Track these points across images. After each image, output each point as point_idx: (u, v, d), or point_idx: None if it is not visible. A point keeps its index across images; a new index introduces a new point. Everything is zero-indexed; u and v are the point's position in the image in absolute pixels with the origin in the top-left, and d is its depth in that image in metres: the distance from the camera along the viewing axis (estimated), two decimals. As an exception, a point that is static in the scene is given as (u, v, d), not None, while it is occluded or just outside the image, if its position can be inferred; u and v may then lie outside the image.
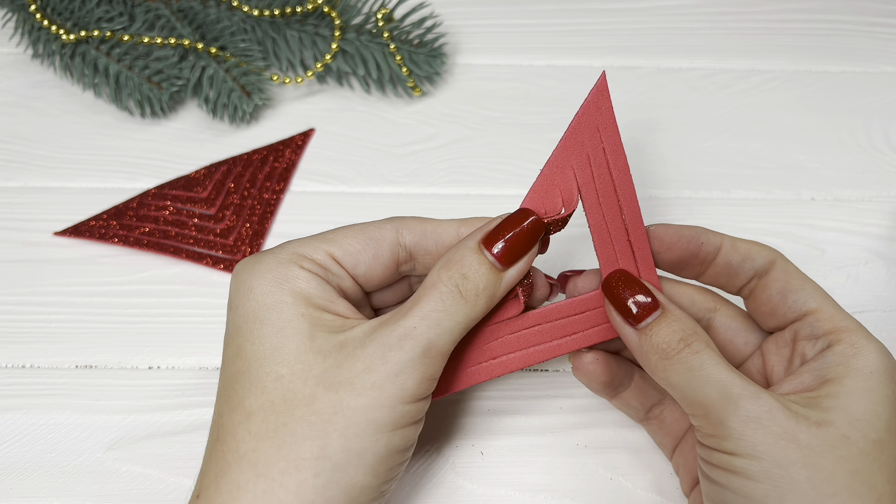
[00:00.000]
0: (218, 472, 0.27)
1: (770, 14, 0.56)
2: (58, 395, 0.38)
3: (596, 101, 0.31)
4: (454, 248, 0.30)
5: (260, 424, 0.27)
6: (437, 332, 0.28)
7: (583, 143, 0.31)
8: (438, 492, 0.36)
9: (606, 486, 0.36)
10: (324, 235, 0.31)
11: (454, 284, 0.29)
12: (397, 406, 0.27)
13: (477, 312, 0.29)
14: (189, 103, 0.50)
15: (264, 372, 0.28)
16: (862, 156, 0.48)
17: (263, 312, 0.29)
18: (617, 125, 0.31)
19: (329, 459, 0.26)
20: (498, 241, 0.29)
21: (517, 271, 0.30)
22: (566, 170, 0.31)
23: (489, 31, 0.55)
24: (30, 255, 0.43)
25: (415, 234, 0.32)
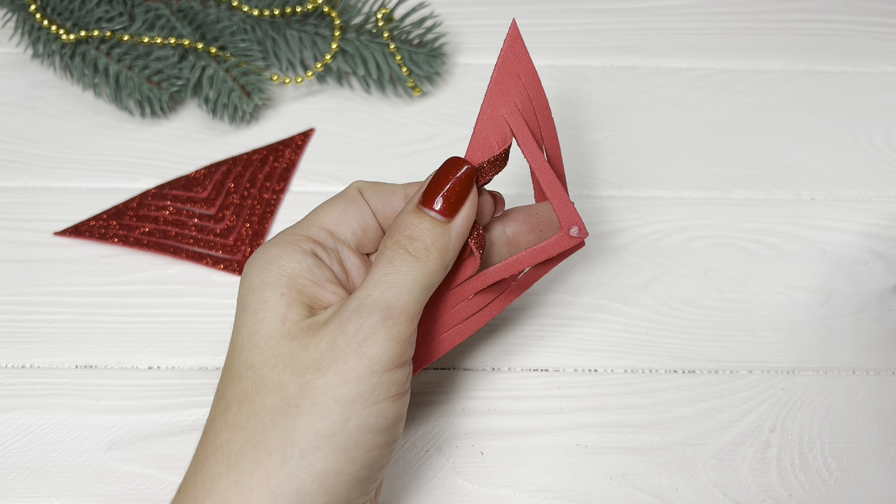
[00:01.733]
0: (196, 465, 0.27)
1: (770, 14, 0.56)
2: (58, 395, 0.38)
3: (512, 49, 0.32)
4: (396, 216, 0.30)
5: (235, 415, 0.27)
6: (394, 293, 0.27)
7: (508, 91, 0.32)
8: (438, 492, 0.36)
9: (606, 486, 0.36)
10: (309, 214, 0.32)
11: (401, 247, 0.29)
12: (365, 378, 0.26)
13: (431, 267, 0.29)
14: (189, 103, 0.50)
15: (240, 361, 0.28)
16: (862, 156, 0.48)
17: (247, 296, 0.29)
18: (535, 69, 0.32)
19: (295, 446, 0.26)
20: (436, 195, 0.29)
21: (463, 219, 0.30)
22: (497, 119, 0.32)
23: (489, 31, 0.55)
24: (30, 255, 0.43)
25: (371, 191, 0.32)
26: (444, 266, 0.29)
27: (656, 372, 0.39)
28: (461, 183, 0.30)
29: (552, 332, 0.41)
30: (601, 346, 0.40)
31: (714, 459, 0.37)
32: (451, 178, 0.30)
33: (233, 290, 0.42)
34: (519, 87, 0.32)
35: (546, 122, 0.33)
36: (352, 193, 0.32)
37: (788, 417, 0.38)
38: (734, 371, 0.40)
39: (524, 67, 0.32)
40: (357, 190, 0.32)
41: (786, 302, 0.42)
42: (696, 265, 0.43)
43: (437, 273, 0.29)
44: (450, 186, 0.30)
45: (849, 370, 0.40)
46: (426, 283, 0.29)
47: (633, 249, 0.44)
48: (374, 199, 0.32)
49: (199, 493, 0.27)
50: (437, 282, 0.29)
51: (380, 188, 0.32)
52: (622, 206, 0.46)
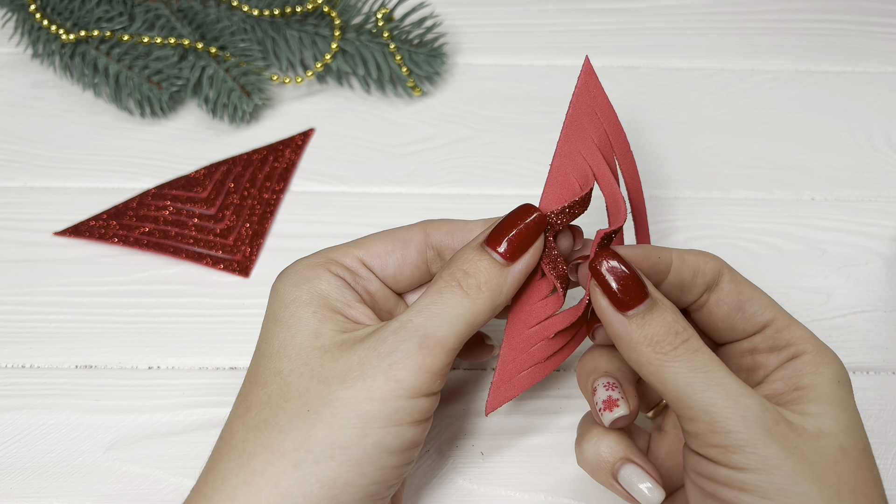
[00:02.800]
0: (210, 464, 0.28)
1: (770, 14, 0.56)
2: (58, 395, 0.38)
3: (587, 86, 0.31)
4: (458, 250, 0.30)
5: (254, 417, 0.27)
6: (435, 323, 0.27)
7: (584, 129, 0.31)
8: (438, 492, 0.36)
9: (606, 486, 0.36)
10: (355, 241, 0.32)
11: (454, 280, 0.28)
12: (390, 400, 0.26)
13: (479, 306, 0.28)
14: (189, 103, 0.50)
15: (268, 368, 0.28)
16: (862, 156, 0.48)
17: (280, 311, 0.29)
18: (611, 105, 0.31)
19: (310, 451, 0.26)
20: (502, 238, 0.29)
21: (522, 265, 0.29)
22: (576, 157, 0.31)
23: (489, 31, 0.55)
24: (30, 255, 0.43)
25: (441, 232, 0.32)
26: (493, 308, 0.29)
27: (656, 372, 0.39)
28: (528, 230, 0.29)
29: (552, 332, 0.41)
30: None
31: (714, 459, 0.37)
32: (520, 223, 0.29)
33: (232, 290, 0.42)
34: (595, 123, 0.31)
35: (625, 158, 0.32)
36: (407, 235, 0.32)
37: (788, 417, 0.38)
38: (734, 371, 0.40)
39: (599, 103, 0.31)
40: (421, 232, 0.32)
41: (786, 302, 0.42)
42: (696, 265, 0.43)
43: (485, 313, 0.29)
44: (516, 231, 0.29)
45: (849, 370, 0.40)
46: (471, 320, 0.28)
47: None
48: (444, 239, 0.32)
49: (208, 490, 0.27)
50: (482, 321, 0.29)
51: (453, 228, 0.32)
52: (622, 206, 0.46)
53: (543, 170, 0.47)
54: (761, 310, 0.30)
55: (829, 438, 0.26)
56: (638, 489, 0.29)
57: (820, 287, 0.43)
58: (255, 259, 0.43)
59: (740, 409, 0.25)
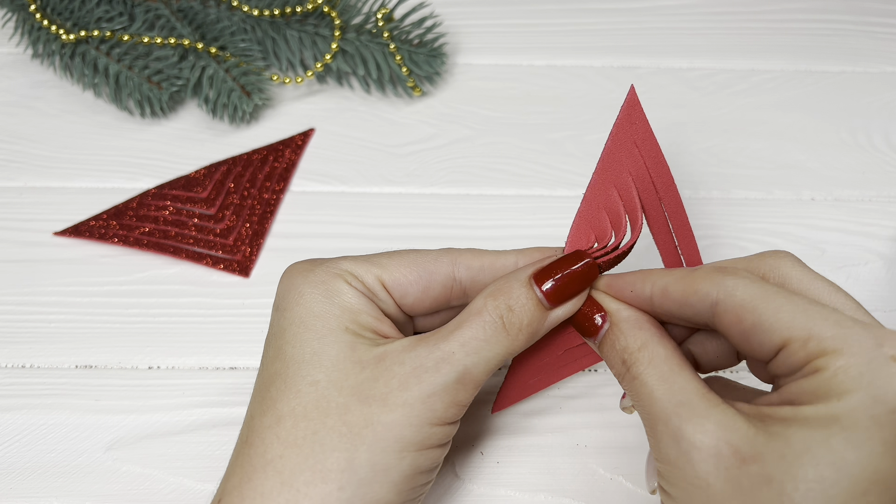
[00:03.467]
0: (242, 477, 0.27)
1: (770, 14, 0.56)
2: (58, 395, 0.38)
3: (629, 117, 0.30)
4: (504, 277, 0.29)
5: (290, 430, 0.27)
6: (475, 361, 0.28)
7: (621, 162, 0.30)
8: (438, 492, 0.36)
9: (606, 486, 0.36)
10: (378, 259, 0.31)
11: (499, 315, 0.28)
12: (425, 427, 0.27)
13: (516, 347, 0.29)
14: (189, 103, 0.50)
15: (301, 376, 0.28)
16: (862, 156, 0.48)
17: (310, 319, 0.29)
18: (655, 138, 0.30)
19: (355, 473, 0.26)
20: (549, 278, 0.29)
21: (564, 311, 0.29)
22: (609, 190, 0.30)
23: (489, 31, 0.55)
24: (30, 255, 0.43)
25: (471, 270, 0.31)
26: (527, 346, 0.29)
27: (656, 372, 0.39)
28: (579, 278, 0.29)
29: (552, 332, 0.41)
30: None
31: (714, 459, 0.37)
32: (572, 268, 0.29)
33: (232, 290, 0.42)
34: (634, 156, 0.30)
35: (668, 195, 0.31)
36: (434, 267, 0.31)
37: (788, 417, 0.38)
38: (734, 371, 0.40)
39: (642, 136, 0.30)
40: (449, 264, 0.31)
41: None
42: (696, 265, 0.43)
43: (518, 350, 0.29)
44: (565, 275, 0.29)
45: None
46: (506, 358, 0.29)
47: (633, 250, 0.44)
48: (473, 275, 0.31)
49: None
50: (513, 356, 0.29)
51: (479, 259, 0.31)
52: (622, 206, 0.46)
53: (543, 170, 0.47)
54: (769, 338, 0.24)
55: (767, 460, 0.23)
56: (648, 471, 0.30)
57: (820, 287, 0.43)
58: (255, 259, 0.43)
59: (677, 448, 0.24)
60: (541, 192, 0.46)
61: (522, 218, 0.45)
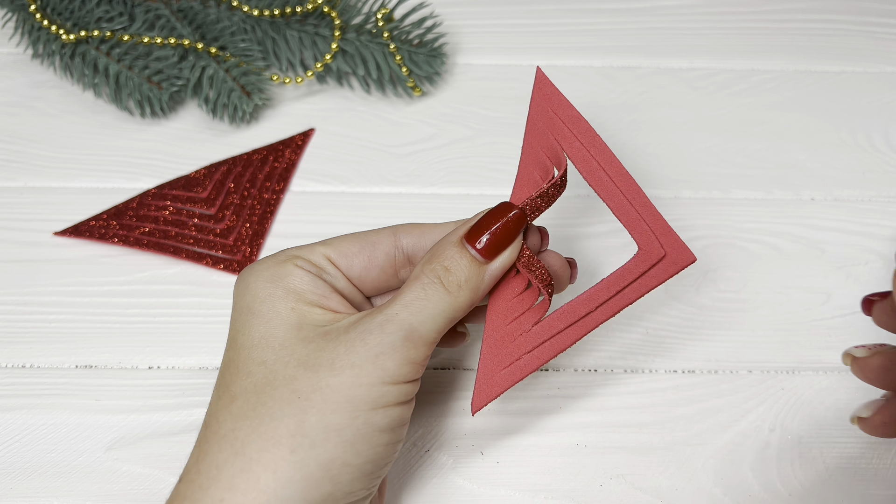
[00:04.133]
0: (199, 454, 0.28)
1: (770, 14, 0.56)
2: (58, 395, 0.38)
3: (540, 91, 0.32)
4: (438, 243, 0.31)
5: (241, 406, 0.28)
6: (420, 318, 0.29)
7: (543, 131, 0.32)
8: (438, 492, 0.36)
9: (606, 486, 0.36)
10: (323, 240, 0.32)
11: (436, 276, 0.29)
12: (377, 385, 0.28)
13: (460, 302, 0.29)
14: (189, 103, 0.50)
15: (251, 359, 0.29)
16: (862, 156, 0.48)
17: (256, 305, 0.30)
18: (569, 102, 0.32)
19: (305, 436, 0.27)
20: (481, 235, 0.30)
21: (500, 263, 0.30)
22: (539, 156, 0.32)
23: (489, 31, 0.55)
24: (30, 255, 0.43)
25: (412, 236, 0.32)
26: (472, 304, 0.30)
27: (656, 372, 0.39)
28: (507, 228, 0.30)
29: (552, 332, 0.41)
30: (601, 346, 0.40)
31: (714, 459, 0.37)
32: (499, 221, 0.30)
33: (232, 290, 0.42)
34: (555, 123, 0.31)
35: (599, 151, 0.32)
36: (375, 238, 0.32)
37: (788, 417, 0.38)
38: (734, 371, 0.40)
39: (557, 104, 0.32)
40: (391, 236, 0.32)
41: (786, 302, 0.42)
42: (695, 265, 0.43)
43: (463, 309, 0.30)
44: (495, 229, 0.30)
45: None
46: (451, 315, 0.29)
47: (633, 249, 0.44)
48: (414, 241, 0.32)
49: (203, 481, 0.27)
50: (460, 316, 0.30)
51: (418, 227, 0.33)
52: (622, 206, 0.46)
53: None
54: None
55: None
56: None
57: (820, 287, 0.43)
58: (255, 259, 0.43)
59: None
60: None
61: (522, 218, 0.45)
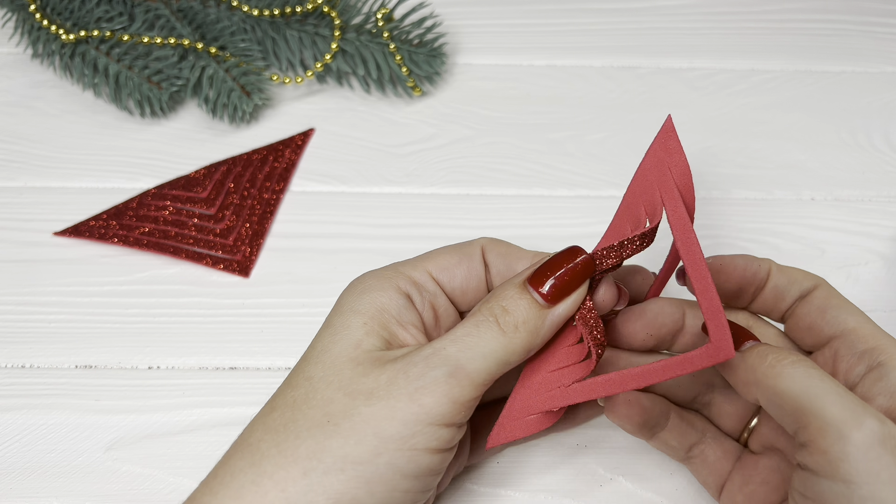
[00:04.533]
0: (224, 458, 0.28)
1: (770, 14, 0.56)
2: (58, 395, 0.38)
3: (663, 143, 0.30)
4: (502, 283, 0.30)
5: (276, 418, 0.27)
6: (468, 356, 0.27)
7: (651, 185, 0.30)
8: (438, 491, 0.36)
9: (606, 486, 0.36)
10: (421, 255, 0.32)
11: (492, 314, 0.28)
12: (410, 423, 0.26)
13: (515, 345, 0.28)
14: (189, 103, 0.50)
15: (301, 372, 0.28)
16: (862, 156, 0.48)
17: (334, 318, 0.29)
18: (688, 167, 0.30)
19: (321, 461, 0.26)
20: (546, 277, 0.29)
21: (563, 308, 0.29)
22: (637, 209, 0.30)
23: (489, 31, 0.55)
24: (30, 255, 0.43)
25: (495, 254, 0.32)
26: (529, 349, 0.29)
27: (656, 372, 0.39)
28: (573, 272, 0.29)
29: (552, 332, 0.41)
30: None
31: (714, 459, 0.37)
32: (565, 265, 0.29)
33: (232, 290, 0.42)
34: (667, 182, 0.30)
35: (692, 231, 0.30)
36: (470, 250, 0.32)
37: (788, 417, 0.38)
38: (734, 371, 0.40)
39: (675, 162, 0.30)
40: (480, 248, 0.32)
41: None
42: (696, 265, 0.43)
43: (519, 352, 0.28)
44: (560, 273, 0.29)
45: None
46: (505, 358, 0.28)
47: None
48: (496, 259, 0.32)
49: (215, 486, 0.27)
50: (515, 361, 0.28)
51: (507, 250, 0.32)
52: (622, 206, 0.46)
53: (543, 170, 0.47)
54: (844, 316, 0.30)
55: None
56: None
57: (820, 287, 0.43)
58: (255, 259, 0.43)
59: (855, 416, 0.24)
60: (541, 192, 0.46)
61: (522, 218, 0.45)
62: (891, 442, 0.24)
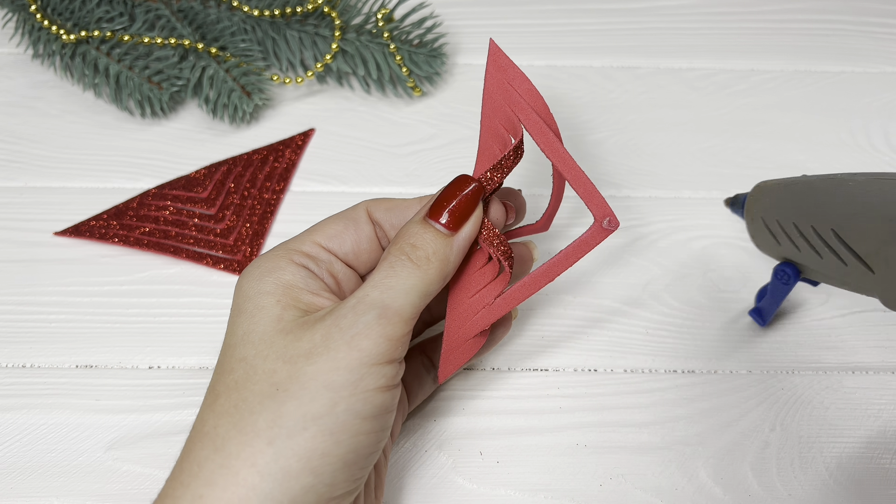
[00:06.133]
0: (184, 454, 0.28)
1: (770, 14, 0.56)
2: (58, 395, 0.38)
3: (495, 64, 0.32)
4: (403, 225, 0.31)
5: (223, 403, 0.28)
6: (391, 295, 0.28)
7: (499, 103, 0.32)
8: (438, 492, 0.36)
9: (606, 486, 0.36)
10: (309, 228, 0.33)
11: (403, 253, 0.29)
12: (355, 368, 0.27)
13: (431, 275, 0.29)
14: (189, 103, 0.50)
15: (232, 356, 0.29)
16: (862, 156, 0.48)
17: (243, 303, 0.30)
18: (525, 75, 0.32)
19: (282, 427, 0.26)
20: (443, 210, 0.30)
21: (465, 232, 0.31)
22: (497, 129, 0.32)
23: (489, 31, 0.55)
24: (30, 255, 0.43)
25: (381, 209, 0.33)
26: (443, 276, 0.30)
27: (656, 372, 0.40)
28: (467, 199, 0.31)
29: (552, 332, 0.41)
30: (601, 346, 0.40)
31: (714, 459, 0.37)
32: (458, 193, 0.31)
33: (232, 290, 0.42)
34: (512, 95, 0.32)
35: (550, 123, 0.33)
36: (354, 214, 0.33)
37: (788, 417, 0.38)
38: (734, 371, 0.40)
39: (512, 76, 0.32)
40: (365, 210, 0.33)
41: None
42: (695, 265, 0.43)
43: (436, 282, 0.30)
44: (456, 202, 0.31)
45: (848, 370, 0.40)
46: (424, 289, 0.29)
47: (633, 249, 0.44)
48: (385, 215, 0.33)
49: (185, 478, 0.27)
50: (434, 290, 0.30)
51: (392, 205, 0.33)
52: (622, 206, 0.46)
53: (542, 169, 0.47)
54: None
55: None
56: None
57: (820, 287, 0.43)
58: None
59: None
60: (541, 191, 0.46)
61: (522, 218, 0.45)
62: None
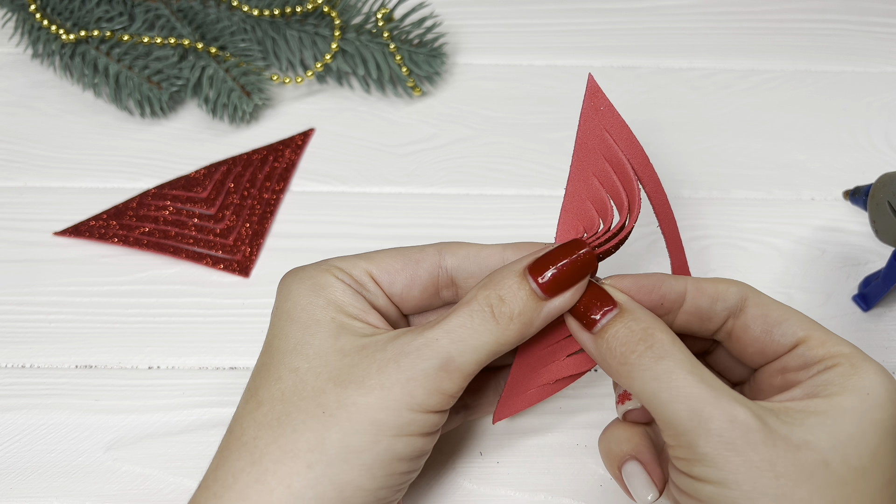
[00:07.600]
0: (219, 460, 0.27)
1: (770, 14, 0.56)
2: (58, 395, 0.38)
3: (593, 105, 0.30)
4: (499, 269, 0.29)
5: (266, 413, 0.27)
6: (460, 349, 0.27)
7: (595, 154, 0.30)
8: (438, 492, 0.36)
9: (607, 486, 0.36)
10: (365, 254, 0.32)
11: (488, 304, 0.28)
12: (404, 412, 0.27)
13: (508, 337, 0.28)
14: (189, 103, 0.50)
15: (283, 364, 0.28)
16: (862, 156, 0.48)
17: (296, 311, 0.29)
18: (624, 121, 0.30)
19: (324, 453, 0.26)
20: (547, 269, 0.28)
21: (561, 302, 0.28)
22: (588, 179, 0.30)
23: (489, 31, 0.55)
24: (30, 255, 0.43)
25: (456, 257, 0.31)
26: (520, 340, 0.28)
27: (656, 372, 0.39)
28: (576, 266, 0.28)
29: (552, 332, 0.41)
30: (601, 346, 0.40)
31: (714, 459, 0.37)
32: (568, 257, 0.28)
33: (232, 290, 0.42)
34: (607, 144, 0.29)
35: (645, 173, 0.30)
36: (419, 256, 0.31)
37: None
38: (734, 371, 0.40)
39: (610, 122, 0.30)
40: (436, 253, 0.31)
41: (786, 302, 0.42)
42: (696, 265, 0.43)
43: (510, 344, 0.28)
44: (563, 265, 0.28)
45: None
46: (495, 349, 0.28)
47: (633, 249, 0.44)
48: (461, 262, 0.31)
49: (218, 489, 0.27)
50: (505, 351, 0.28)
51: (464, 248, 0.31)
52: (622, 206, 0.46)
53: (543, 170, 0.47)
54: (792, 329, 0.28)
55: (811, 451, 0.24)
56: (635, 485, 0.29)
57: (820, 287, 0.43)
58: (255, 259, 0.43)
59: (702, 421, 0.24)
60: (541, 192, 0.46)
61: (522, 218, 0.45)
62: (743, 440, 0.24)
